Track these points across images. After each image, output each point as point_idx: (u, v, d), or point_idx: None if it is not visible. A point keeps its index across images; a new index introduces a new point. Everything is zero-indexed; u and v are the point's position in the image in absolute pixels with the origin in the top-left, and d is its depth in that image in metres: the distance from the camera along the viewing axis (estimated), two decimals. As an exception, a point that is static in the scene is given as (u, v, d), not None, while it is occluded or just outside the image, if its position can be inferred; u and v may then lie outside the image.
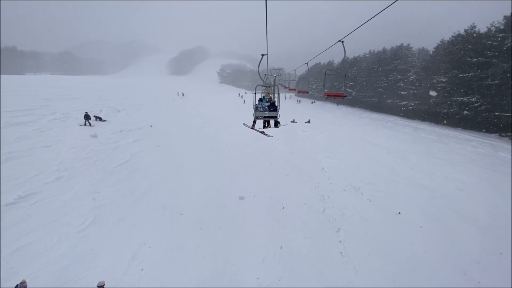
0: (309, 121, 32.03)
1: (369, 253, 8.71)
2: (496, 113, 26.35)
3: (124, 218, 10.10)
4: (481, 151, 20.79)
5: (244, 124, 11.66)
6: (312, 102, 71.42)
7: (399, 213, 10.89)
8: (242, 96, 66.18)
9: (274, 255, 8.73)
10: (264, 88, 10.00)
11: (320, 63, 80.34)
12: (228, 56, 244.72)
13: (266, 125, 10.52)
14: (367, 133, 28.05)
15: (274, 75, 11.89)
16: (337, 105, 61.80)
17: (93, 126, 21.45)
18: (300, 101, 70.47)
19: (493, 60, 26.75)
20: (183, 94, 60.88)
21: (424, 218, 10.58)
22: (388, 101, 48.82)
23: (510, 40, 25.07)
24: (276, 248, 9.03)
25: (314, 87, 74.95)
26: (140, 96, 46.50)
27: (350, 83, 64.19)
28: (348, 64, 71.72)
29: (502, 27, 27.17)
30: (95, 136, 18.63)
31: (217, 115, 35.18)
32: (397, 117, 42.91)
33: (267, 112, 9.29)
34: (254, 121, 10.04)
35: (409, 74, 45.87)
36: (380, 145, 22.72)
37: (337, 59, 74.81)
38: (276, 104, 9.31)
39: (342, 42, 6.64)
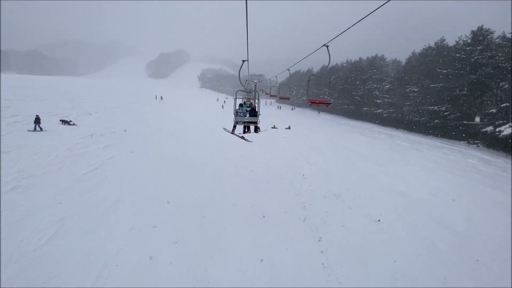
0: (289, 127, 32.18)
1: (351, 264, 8.51)
2: (464, 122, 28.02)
3: (89, 232, 9.14)
4: (452, 158, 21.84)
5: (224, 129, 11.61)
6: (292, 109, 72.48)
7: (379, 220, 10.90)
8: (224, 101, 65.46)
9: (254, 269, 8.25)
10: (245, 93, 9.96)
11: (299, 70, 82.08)
12: (209, 60, 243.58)
13: (246, 130, 10.47)
14: (346, 140, 28.63)
15: (255, 81, 11.78)
16: (319, 113, 63.12)
17: (45, 131, 18.87)
18: (280, 107, 71.23)
19: (461, 72, 28.54)
20: (161, 98, 59.23)
21: (403, 225, 10.66)
22: (365, 108, 50.59)
23: (477, 54, 26.91)
24: (256, 261, 8.57)
25: (294, 93, 76.26)
26: (114, 98, 44.46)
27: (329, 91, 66.04)
28: (327, 72, 73.88)
29: (469, 41, 29.17)
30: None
31: (196, 120, 34.34)
32: (373, 125, 44.40)
33: (247, 117, 9.25)
34: (234, 126, 9.84)
35: (384, 84, 47.89)
36: (358, 152, 23.17)
37: (316, 67, 76.83)
38: (257, 109, 9.31)
39: (327, 46, 6.55)
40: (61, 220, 9.50)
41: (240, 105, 10.02)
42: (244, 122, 9.25)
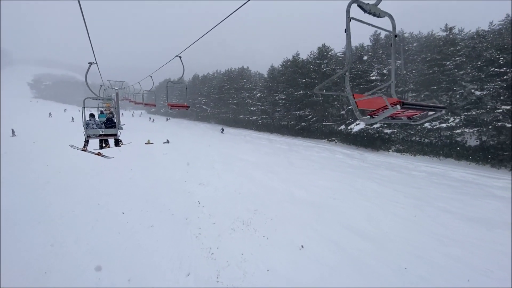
0: (168, 141, 27.48)
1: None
2: (324, 123, 33.06)
3: None
4: (325, 156, 24.47)
5: (72, 146, 9.30)
6: (167, 119, 66.38)
7: (302, 246, 9.08)
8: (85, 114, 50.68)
9: None
10: (101, 101, 8.37)
11: (170, 78, 77.24)
12: (47, 64, 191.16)
13: (104, 145, 9.18)
14: (233, 149, 27.13)
15: (116, 88, 9.97)
16: (223, 130, 60.35)
17: None
18: (153, 119, 63.56)
19: (316, 81, 33.61)
20: (-47, 114, 38.87)
21: (324, 244, 9.29)
22: (241, 116, 52.36)
23: (324, 66, 32.31)
24: None
25: (163, 103, 71.62)
26: None
27: (204, 100, 64.80)
28: (199, 81, 73.10)
29: (317, 55, 34.95)
30: None
31: (26, 142, 23.27)
32: (251, 131, 46.19)
33: (103, 129, 7.81)
34: (87, 141, 8.17)
35: (255, 92, 51.11)
36: (248, 160, 21.92)
37: (187, 76, 75.43)
38: (115, 120, 7.62)
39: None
40: None
41: (91, 115, 8.33)
42: (100, 135, 7.80)
